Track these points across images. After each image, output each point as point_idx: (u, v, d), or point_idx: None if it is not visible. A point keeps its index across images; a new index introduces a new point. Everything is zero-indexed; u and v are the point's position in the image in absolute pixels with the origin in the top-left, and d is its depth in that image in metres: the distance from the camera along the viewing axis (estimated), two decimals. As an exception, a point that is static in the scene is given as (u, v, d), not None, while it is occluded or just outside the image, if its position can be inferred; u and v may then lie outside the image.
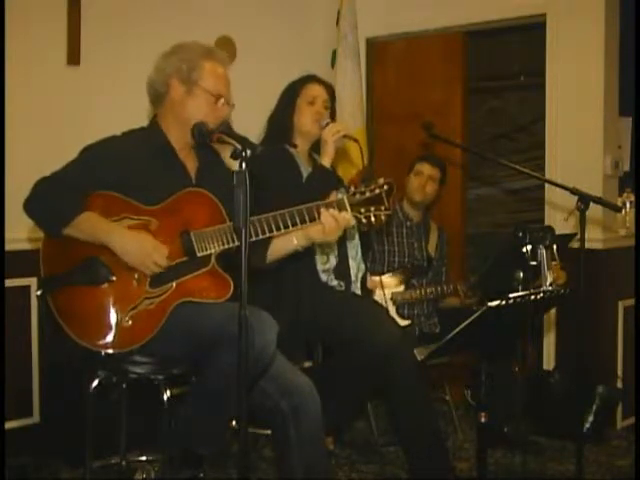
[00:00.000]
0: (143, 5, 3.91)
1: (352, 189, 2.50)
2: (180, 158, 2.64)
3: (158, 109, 2.67)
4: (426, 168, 4.00)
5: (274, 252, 2.72)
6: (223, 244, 2.52)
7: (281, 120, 3.24)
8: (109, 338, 2.43)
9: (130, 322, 2.43)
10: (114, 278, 2.47)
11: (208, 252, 2.51)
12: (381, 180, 2.53)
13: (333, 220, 2.52)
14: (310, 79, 3.29)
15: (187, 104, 2.57)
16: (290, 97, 3.26)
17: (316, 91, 3.25)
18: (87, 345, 2.42)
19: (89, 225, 2.44)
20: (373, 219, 2.50)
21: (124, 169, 2.50)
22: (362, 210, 2.51)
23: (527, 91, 5.66)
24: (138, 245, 2.44)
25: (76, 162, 2.53)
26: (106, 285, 2.46)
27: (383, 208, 2.49)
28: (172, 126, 2.62)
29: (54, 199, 2.44)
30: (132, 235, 2.46)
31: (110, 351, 2.44)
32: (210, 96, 2.57)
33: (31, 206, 2.47)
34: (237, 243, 2.50)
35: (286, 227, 2.52)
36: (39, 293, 2.50)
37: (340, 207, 2.54)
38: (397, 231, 3.99)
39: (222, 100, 2.59)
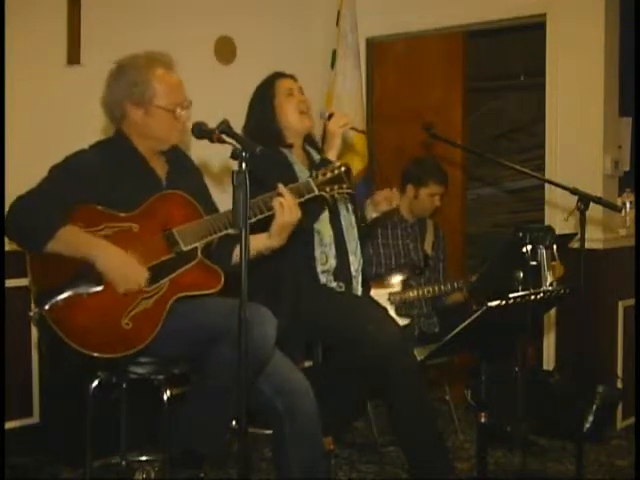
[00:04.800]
0: (143, 5, 3.91)
1: (314, 172, 2.75)
2: (150, 164, 2.66)
3: (119, 124, 2.68)
4: (441, 190, 4.00)
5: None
6: (206, 236, 2.55)
7: (263, 123, 3.13)
8: (112, 343, 2.41)
9: (130, 324, 2.43)
10: (105, 285, 2.45)
11: (194, 245, 2.54)
12: (338, 163, 2.78)
13: (280, 206, 2.58)
14: (278, 75, 3.22)
15: (148, 123, 2.59)
16: (265, 98, 3.17)
17: (289, 83, 3.19)
18: (90, 353, 2.39)
19: (71, 239, 2.43)
20: (337, 196, 2.78)
21: (95, 182, 2.50)
22: (327, 189, 2.72)
23: (527, 91, 5.67)
24: (120, 264, 2.44)
25: (48, 180, 2.51)
26: (101, 291, 2.45)
27: (345, 187, 2.74)
28: (137, 138, 2.64)
29: (33, 215, 2.42)
30: (116, 253, 2.45)
31: (114, 356, 2.42)
32: (168, 112, 2.58)
33: (10, 226, 2.44)
34: (219, 234, 2.55)
35: (255, 215, 2.57)
36: (32, 313, 2.43)
37: (308, 188, 2.68)
38: (392, 233, 3.99)
39: (179, 109, 2.60)
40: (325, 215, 3.11)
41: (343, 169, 2.72)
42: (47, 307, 2.40)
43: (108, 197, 2.49)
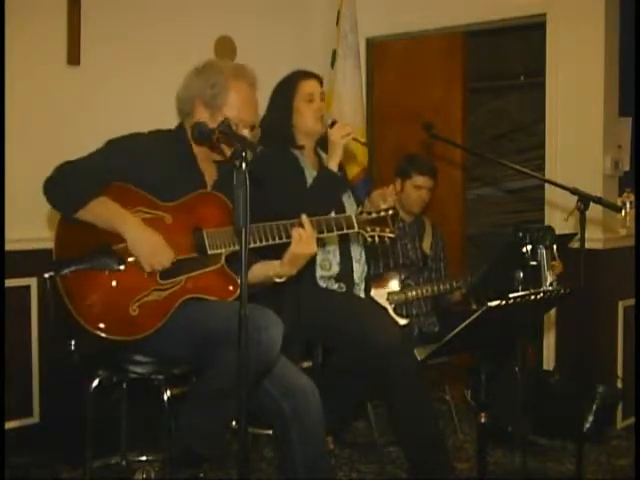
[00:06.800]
0: (143, 5, 3.91)
1: (360, 208, 2.71)
2: (200, 167, 2.66)
3: (184, 120, 2.69)
4: (426, 182, 3.97)
5: (252, 278, 2.69)
6: (233, 245, 2.55)
7: (280, 123, 3.13)
8: (113, 325, 2.42)
9: (137, 311, 2.44)
10: (122, 267, 2.47)
11: (219, 251, 2.54)
12: (386, 205, 2.75)
13: (298, 236, 2.55)
14: (302, 75, 3.18)
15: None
16: (285, 98, 3.15)
17: (312, 87, 3.15)
18: (91, 329, 2.40)
19: (104, 210, 2.46)
20: (377, 239, 2.71)
21: (144, 167, 2.52)
22: (368, 229, 2.70)
23: (527, 91, 5.67)
24: (149, 241, 2.46)
25: (100, 152, 2.55)
26: (117, 273, 2.47)
27: (388, 230, 2.71)
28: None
29: (73, 182, 2.45)
30: (145, 229, 2.48)
31: (112, 338, 2.42)
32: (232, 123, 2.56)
33: (50, 186, 2.47)
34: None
35: (273, 239, 2.57)
36: (47, 276, 2.49)
37: (348, 223, 2.68)
38: None
39: (242, 126, 2.58)
40: None
41: (391, 212, 2.71)
42: (64, 272, 2.41)
43: (150, 183, 2.51)
